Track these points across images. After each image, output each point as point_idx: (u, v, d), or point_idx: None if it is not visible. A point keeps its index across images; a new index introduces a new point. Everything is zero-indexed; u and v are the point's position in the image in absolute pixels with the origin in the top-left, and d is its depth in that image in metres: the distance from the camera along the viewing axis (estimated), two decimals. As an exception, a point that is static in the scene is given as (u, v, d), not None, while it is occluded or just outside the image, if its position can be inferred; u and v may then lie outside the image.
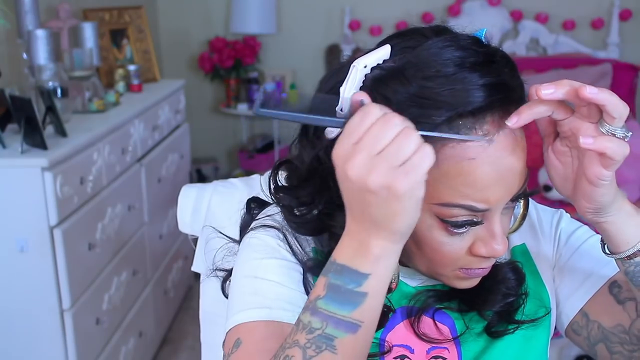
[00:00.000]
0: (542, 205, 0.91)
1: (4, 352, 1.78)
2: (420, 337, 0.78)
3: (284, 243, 0.78)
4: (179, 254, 2.83)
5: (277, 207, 0.83)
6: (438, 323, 0.79)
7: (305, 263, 0.76)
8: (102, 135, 1.99)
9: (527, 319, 0.80)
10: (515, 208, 0.76)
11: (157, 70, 2.98)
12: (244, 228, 0.85)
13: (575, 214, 0.86)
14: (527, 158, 0.68)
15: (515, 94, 0.67)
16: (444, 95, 0.63)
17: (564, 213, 0.90)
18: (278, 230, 0.79)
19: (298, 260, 0.76)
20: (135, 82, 2.64)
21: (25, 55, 2.09)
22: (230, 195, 1.04)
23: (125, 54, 2.87)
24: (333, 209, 0.72)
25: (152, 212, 2.45)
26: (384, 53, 0.67)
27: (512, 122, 0.64)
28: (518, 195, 0.69)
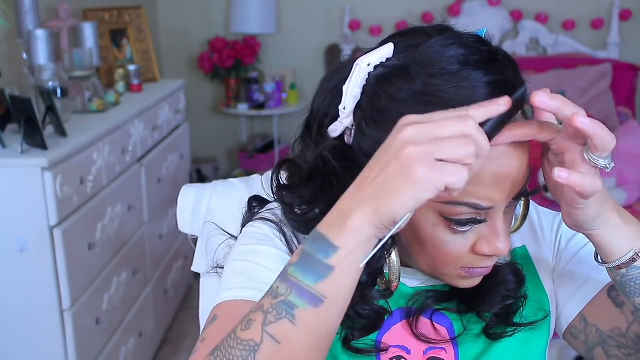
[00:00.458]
0: (543, 208, 0.91)
1: (4, 352, 1.78)
2: (418, 337, 0.78)
3: (281, 234, 0.78)
4: (179, 254, 2.83)
5: (277, 204, 0.83)
6: (436, 324, 0.79)
7: None
8: (102, 135, 1.99)
9: (525, 322, 0.80)
10: (516, 208, 0.76)
11: (157, 70, 2.98)
12: (245, 226, 0.85)
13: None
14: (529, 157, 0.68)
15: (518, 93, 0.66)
16: (449, 93, 0.63)
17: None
18: (276, 224, 0.79)
19: (292, 253, 0.77)
20: (135, 82, 2.64)
21: (25, 55, 2.09)
22: (230, 195, 1.04)
23: (125, 54, 2.87)
24: None
25: (152, 212, 2.45)
26: (387, 51, 0.67)
27: (501, 139, 0.63)
28: (520, 194, 0.69)
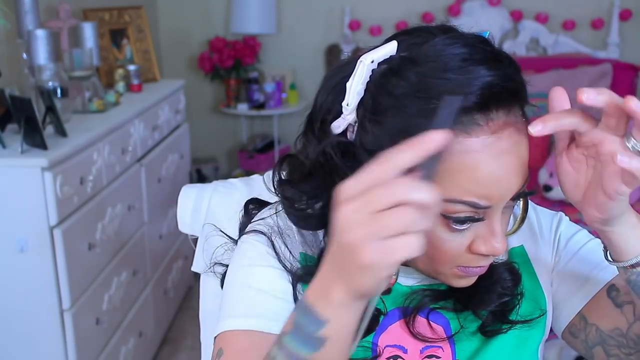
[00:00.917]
0: (541, 208, 0.90)
1: (4, 352, 1.78)
2: (415, 336, 0.78)
3: (272, 250, 0.78)
4: (179, 254, 2.83)
5: (271, 209, 0.83)
6: (432, 322, 0.79)
7: (295, 272, 0.77)
8: (102, 135, 1.99)
9: (521, 319, 0.80)
10: (515, 209, 0.75)
11: (157, 70, 2.98)
12: (242, 229, 0.85)
13: (575, 215, 0.85)
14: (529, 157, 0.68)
15: (521, 93, 0.67)
16: (448, 88, 0.63)
17: (564, 216, 0.90)
18: (267, 237, 0.79)
19: (286, 269, 0.77)
20: (135, 82, 2.64)
21: (25, 55, 2.09)
22: (230, 196, 1.04)
23: (125, 54, 2.87)
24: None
25: (152, 212, 2.45)
26: (391, 49, 0.68)
27: (535, 129, 0.62)
28: (519, 194, 0.69)
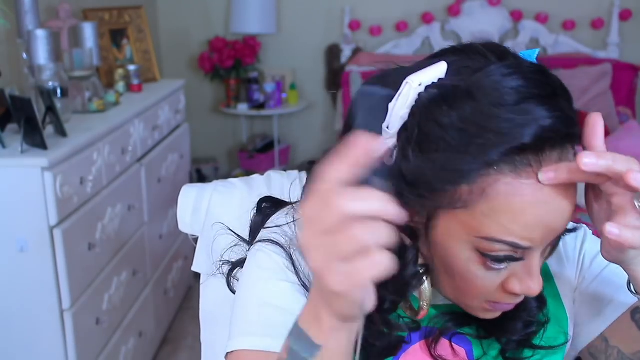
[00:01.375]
0: None
1: (4, 352, 1.78)
2: (436, 359, 0.76)
3: (290, 263, 0.75)
4: (179, 254, 2.83)
5: (288, 215, 0.80)
6: (455, 345, 0.77)
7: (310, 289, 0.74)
8: (102, 135, 1.99)
9: (545, 345, 0.78)
10: None
11: (157, 70, 2.98)
12: (255, 230, 0.83)
13: (576, 215, 0.84)
14: None
15: (576, 132, 0.63)
16: (504, 127, 0.59)
17: (587, 231, 0.87)
18: (285, 250, 0.75)
19: (305, 288, 0.73)
20: (135, 82, 2.64)
21: (25, 55, 2.09)
22: (230, 195, 1.04)
23: (125, 54, 2.87)
24: None
25: (152, 212, 2.44)
26: (440, 71, 0.63)
27: (546, 177, 0.60)
28: (561, 234, 0.66)
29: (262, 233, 0.80)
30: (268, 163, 3.71)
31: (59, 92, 2.01)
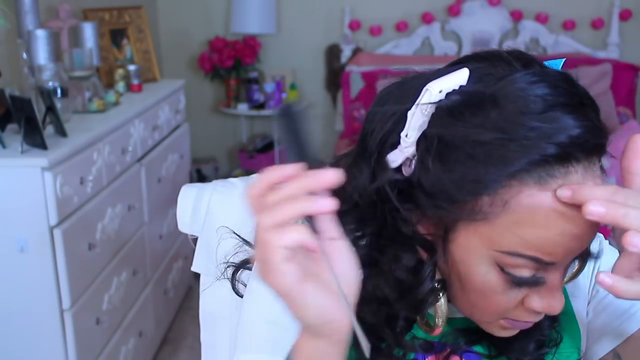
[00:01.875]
0: None
1: (4, 352, 1.78)
2: None
3: None
4: (179, 254, 2.83)
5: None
6: None
7: None
8: (102, 135, 1.99)
9: None
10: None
11: (157, 70, 2.98)
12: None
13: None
14: None
15: (604, 144, 0.60)
16: (530, 135, 0.56)
17: (603, 241, 0.83)
18: None
19: None
20: (135, 82, 2.64)
21: (25, 55, 2.09)
22: (230, 195, 1.04)
23: (125, 54, 2.87)
24: (384, 244, 0.66)
25: (152, 212, 2.45)
26: (462, 78, 0.60)
27: (563, 193, 0.57)
28: (584, 252, 0.63)
29: None
30: (268, 163, 3.69)
31: (59, 92, 2.01)
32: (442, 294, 0.67)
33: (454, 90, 0.60)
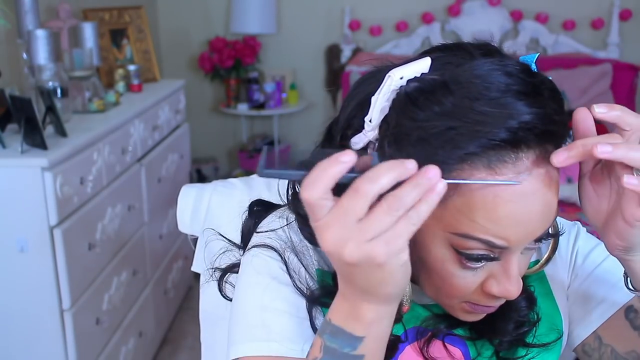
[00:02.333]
0: (558, 219, 0.85)
1: (4, 352, 1.78)
2: None
3: (285, 267, 0.74)
4: (179, 254, 2.83)
5: (281, 217, 0.79)
6: (450, 346, 0.76)
7: (310, 295, 0.73)
8: (102, 135, 1.99)
9: (538, 343, 0.77)
10: (542, 248, 0.72)
11: (157, 70, 2.98)
12: (246, 233, 0.82)
13: (576, 215, 0.84)
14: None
15: (558, 132, 0.61)
16: (480, 120, 0.58)
17: (581, 228, 0.86)
18: (280, 256, 0.74)
19: (300, 292, 0.72)
20: (135, 82, 2.64)
21: (25, 55, 2.09)
22: (230, 195, 1.04)
23: (125, 54, 2.87)
24: None
25: (152, 212, 2.45)
26: (424, 66, 0.62)
27: (558, 159, 0.58)
28: (542, 237, 0.65)
29: (256, 237, 0.78)
30: (268, 163, 3.71)
31: (59, 92, 2.01)
32: None
33: (415, 78, 0.62)
